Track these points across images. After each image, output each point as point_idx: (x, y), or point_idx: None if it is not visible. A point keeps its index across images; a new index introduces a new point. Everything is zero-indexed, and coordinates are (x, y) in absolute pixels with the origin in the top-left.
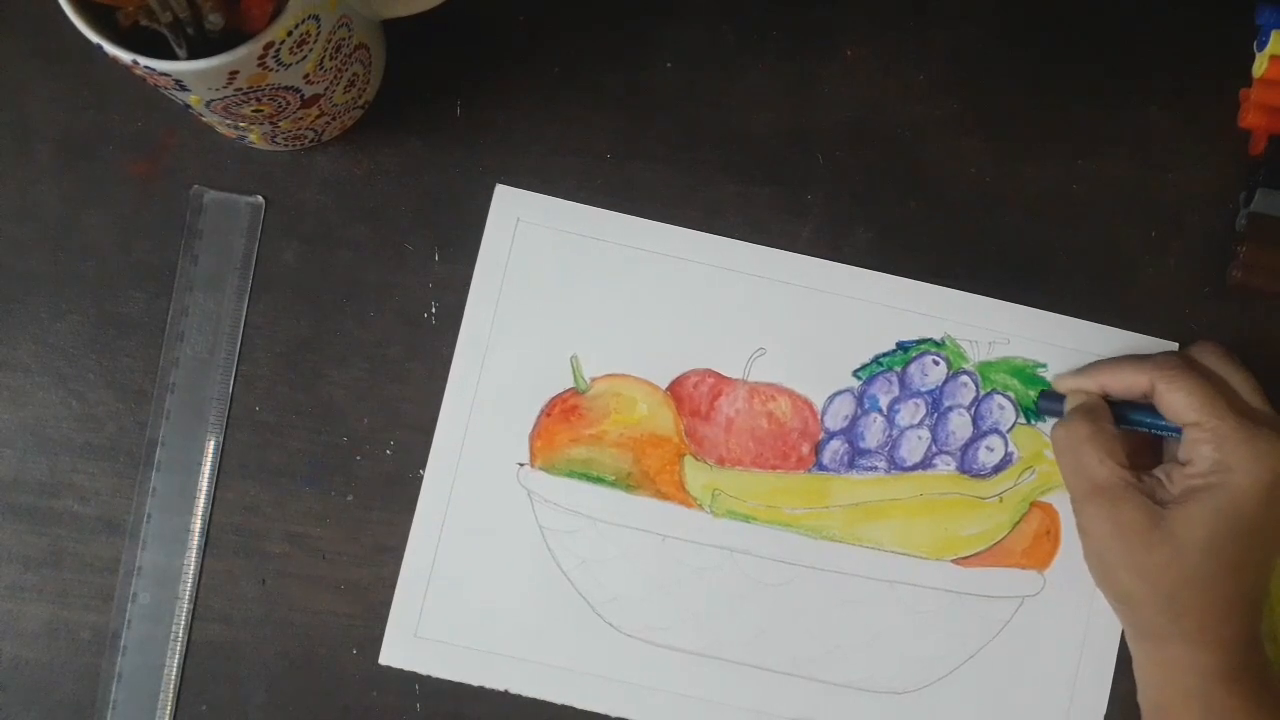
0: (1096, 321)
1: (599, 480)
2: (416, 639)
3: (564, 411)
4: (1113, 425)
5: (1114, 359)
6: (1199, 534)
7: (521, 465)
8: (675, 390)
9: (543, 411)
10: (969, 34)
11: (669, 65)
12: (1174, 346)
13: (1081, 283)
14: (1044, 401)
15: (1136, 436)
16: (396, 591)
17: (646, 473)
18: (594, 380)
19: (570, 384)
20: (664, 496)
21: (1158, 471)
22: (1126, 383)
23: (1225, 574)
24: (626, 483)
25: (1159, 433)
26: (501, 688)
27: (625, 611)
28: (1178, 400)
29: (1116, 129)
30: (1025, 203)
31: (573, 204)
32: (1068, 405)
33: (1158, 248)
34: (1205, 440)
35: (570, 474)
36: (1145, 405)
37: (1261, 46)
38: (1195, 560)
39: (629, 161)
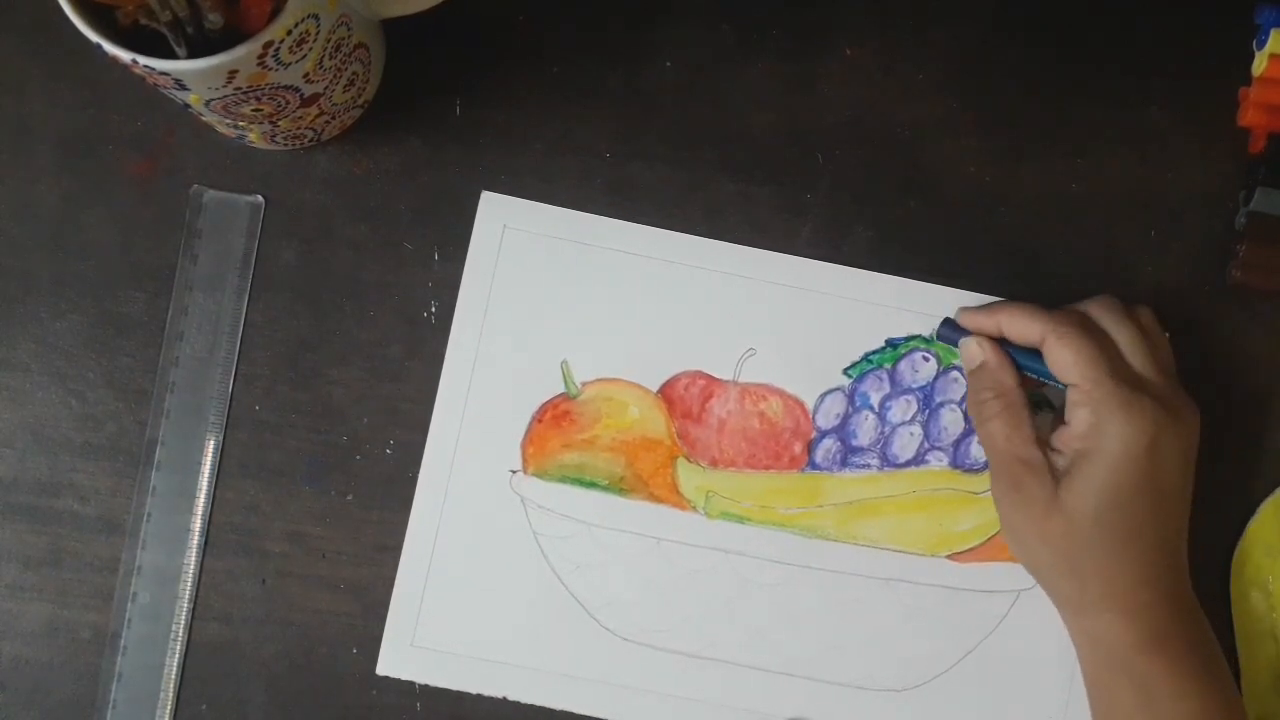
0: None
1: (592, 485)
2: (413, 648)
3: (555, 417)
4: (1019, 394)
5: (1016, 304)
6: (1085, 502)
7: (514, 472)
8: (666, 393)
9: (534, 418)
10: (969, 34)
11: (669, 65)
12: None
13: (1081, 282)
14: (944, 329)
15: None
16: (392, 601)
17: (639, 476)
18: (585, 385)
19: (561, 389)
20: (657, 499)
21: (1054, 440)
22: (1022, 330)
23: (1120, 540)
24: (620, 487)
25: (1050, 383)
26: (499, 694)
27: (621, 615)
28: (1063, 358)
29: (1116, 129)
30: (1025, 202)
31: (559, 209)
32: (965, 351)
33: (1158, 248)
34: (1082, 403)
35: (563, 479)
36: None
37: (1261, 45)
38: (1087, 528)
39: (628, 161)
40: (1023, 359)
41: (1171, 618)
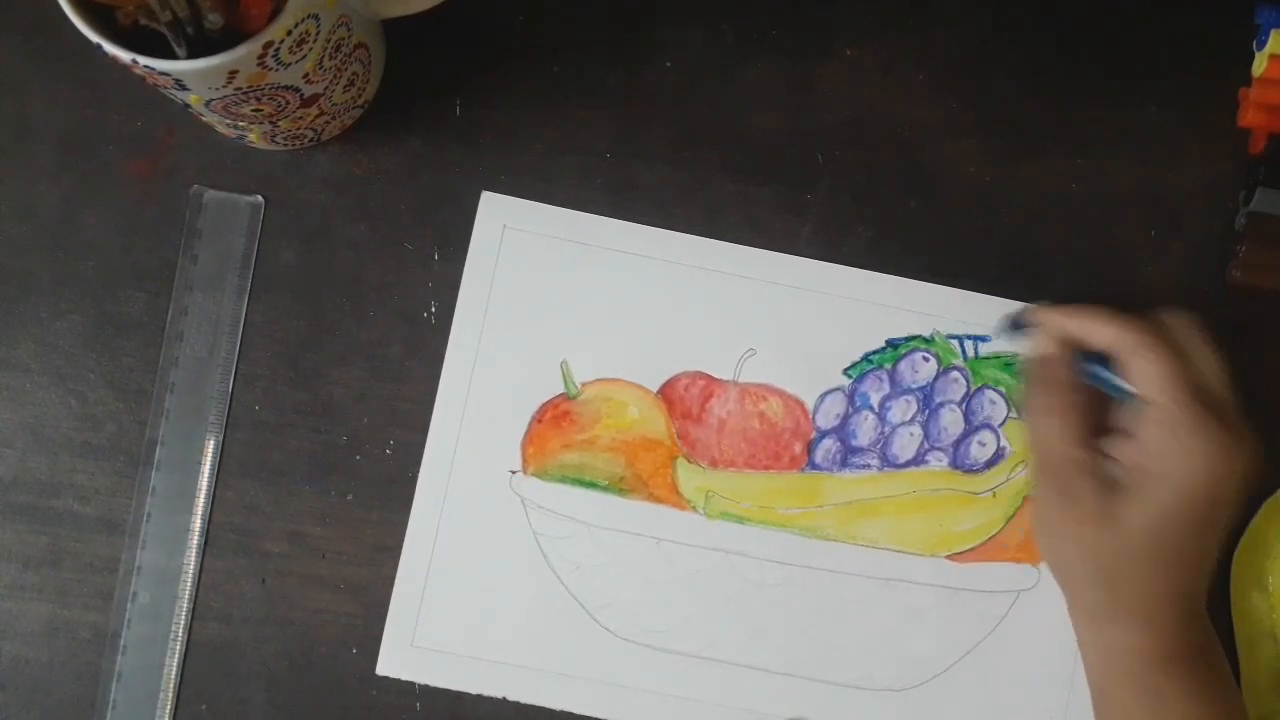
0: None
1: (592, 485)
2: (413, 648)
3: (555, 417)
4: (1075, 396)
5: (1094, 308)
6: (1142, 521)
7: (514, 472)
8: (666, 393)
9: (534, 418)
10: (969, 34)
11: (669, 65)
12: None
13: (1081, 282)
14: (1005, 325)
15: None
16: (392, 601)
17: (639, 476)
18: (584, 385)
19: (561, 389)
20: (657, 500)
21: (1110, 448)
22: (1101, 335)
23: (1165, 562)
24: (619, 487)
25: (1112, 393)
26: (499, 695)
27: (621, 616)
28: (1145, 372)
29: (1116, 129)
30: (1025, 203)
31: (559, 209)
32: (1033, 344)
33: (1158, 248)
34: (1159, 422)
35: (563, 479)
36: (1106, 359)
37: (1261, 46)
38: (1135, 545)
39: (629, 161)
40: (1087, 365)
41: (1189, 636)
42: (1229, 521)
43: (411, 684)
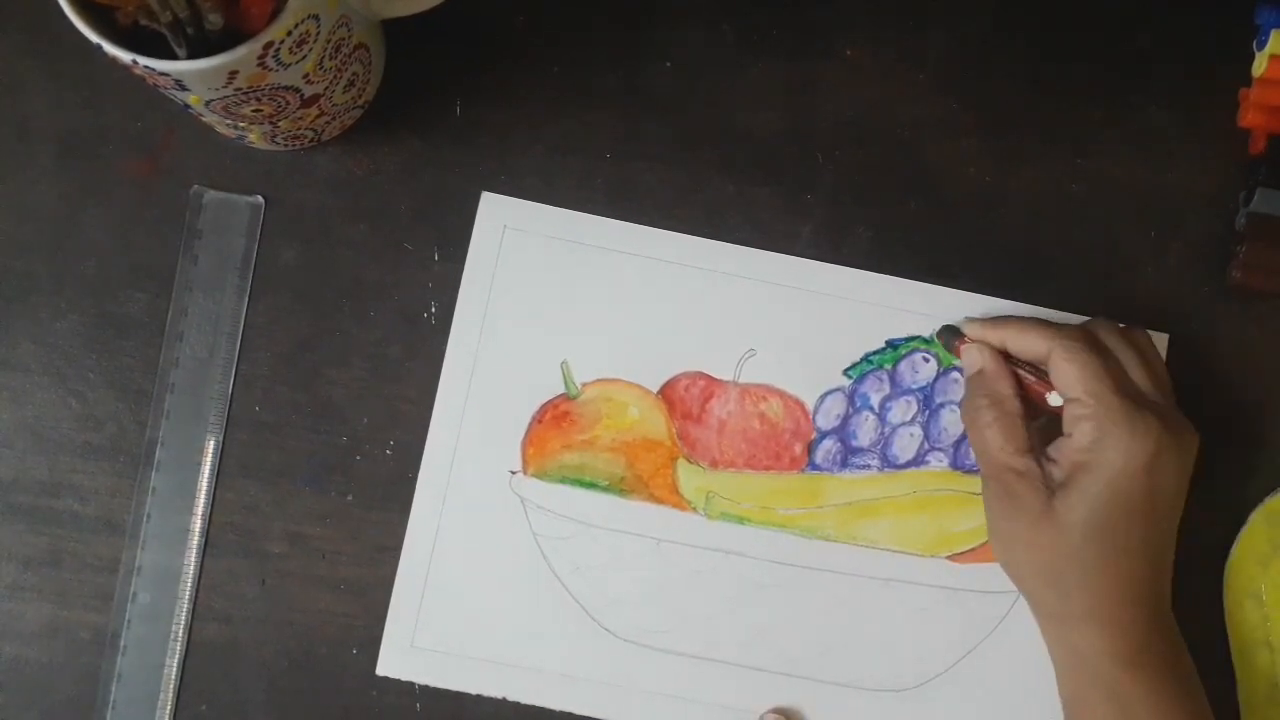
0: None
1: (592, 486)
2: (413, 649)
3: (555, 418)
4: (1016, 404)
5: (1022, 319)
6: (1079, 514)
7: (514, 473)
8: (666, 393)
9: (534, 418)
10: (969, 34)
11: (669, 65)
12: (1164, 338)
13: (1081, 283)
14: (944, 334)
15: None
16: (392, 602)
17: (640, 477)
18: (585, 385)
19: (561, 390)
20: (658, 500)
21: (1051, 451)
22: (1027, 345)
23: (1111, 555)
24: (620, 487)
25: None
26: (499, 695)
27: (621, 616)
28: (1069, 373)
29: (1117, 129)
30: (1025, 203)
31: (559, 209)
32: (966, 357)
33: (1158, 248)
34: (1085, 417)
35: (563, 480)
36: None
37: (1261, 46)
38: (1077, 540)
39: (629, 161)
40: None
41: (1152, 636)
42: (1175, 517)
43: (411, 684)
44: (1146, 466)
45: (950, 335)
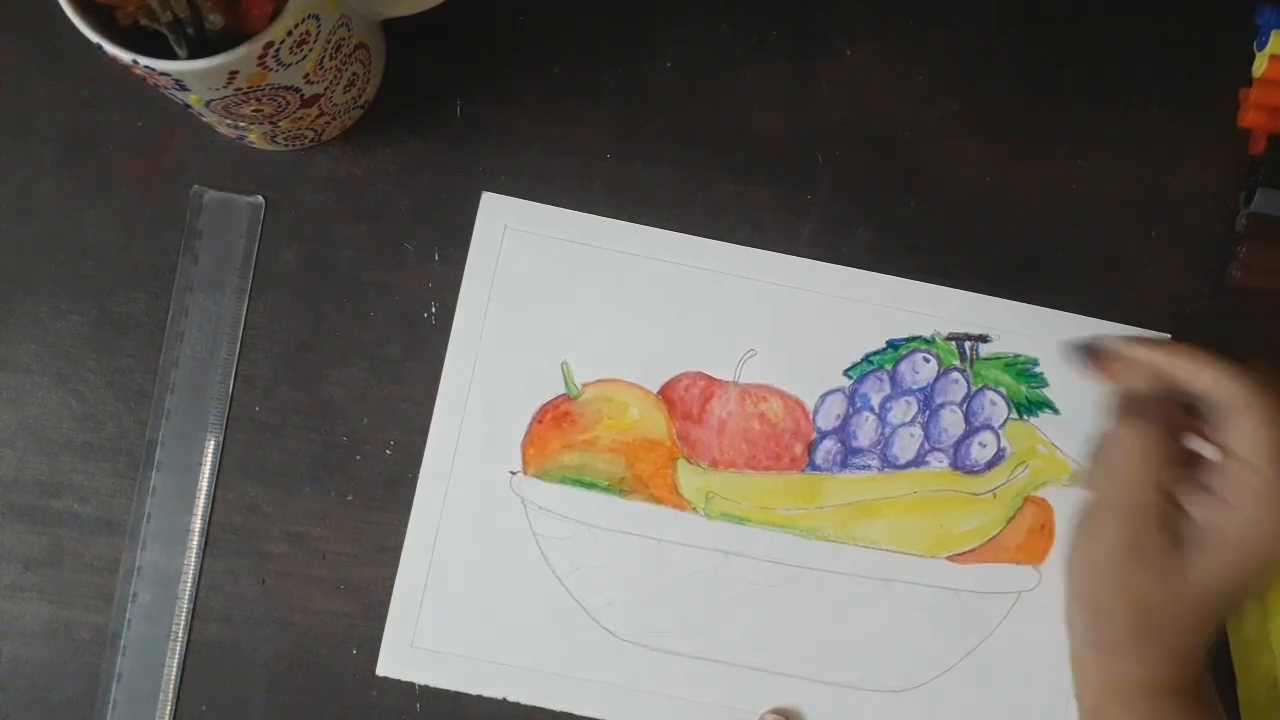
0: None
1: (592, 486)
2: (413, 649)
3: (556, 418)
4: (1162, 439)
5: (1188, 348)
6: (1205, 582)
7: (514, 473)
8: (667, 394)
9: (534, 418)
10: (969, 34)
11: (669, 65)
12: (1165, 338)
13: (1081, 283)
14: (1075, 352)
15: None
16: (392, 602)
17: (640, 477)
18: (585, 386)
19: (561, 390)
20: (658, 501)
21: (1182, 499)
22: (1199, 383)
23: (1210, 618)
24: (620, 488)
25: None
26: (499, 695)
27: (621, 616)
28: (1246, 432)
29: (1116, 129)
30: (1025, 203)
31: (560, 209)
32: (1126, 375)
33: (1158, 248)
34: (1250, 488)
35: (563, 480)
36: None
37: (1261, 46)
38: (1190, 603)
39: (629, 161)
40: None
41: (1196, 663)
42: None
43: (412, 684)
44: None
45: (1084, 354)
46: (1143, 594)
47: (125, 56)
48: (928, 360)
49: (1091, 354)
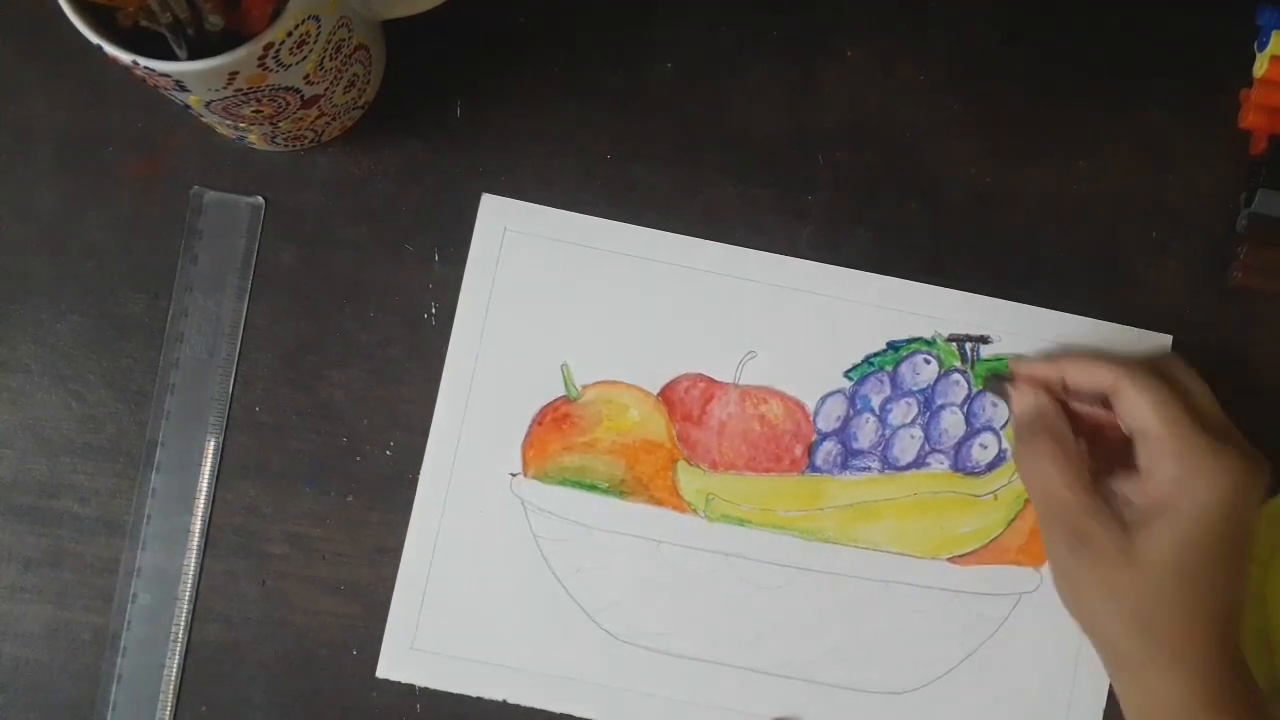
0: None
1: (592, 488)
2: (413, 651)
3: (555, 420)
4: (1074, 440)
5: (1080, 354)
6: (1167, 555)
7: (514, 474)
8: (667, 395)
9: (534, 420)
10: (969, 34)
11: (669, 65)
12: (1167, 339)
13: (1081, 283)
14: (992, 384)
15: (1098, 438)
16: (392, 604)
17: (640, 479)
18: (585, 388)
19: (561, 392)
20: (658, 502)
21: (1119, 487)
22: (1091, 378)
23: (1199, 595)
24: (620, 489)
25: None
26: (499, 697)
27: (621, 618)
28: (1143, 405)
29: (1116, 129)
30: (1025, 203)
31: (560, 211)
32: (1020, 401)
33: (1158, 248)
34: (1166, 452)
35: (563, 482)
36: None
37: (1262, 47)
38: (1166, 582)
39: (629, 162)
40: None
41: (1233, 674)
42: (1249, 549)
43: (411, 686)
44: (1232, 502)
45: (999, 382)
46: (1116, 586)
47: (125, 57)
48: (928, 361)
49: (999, 383)
